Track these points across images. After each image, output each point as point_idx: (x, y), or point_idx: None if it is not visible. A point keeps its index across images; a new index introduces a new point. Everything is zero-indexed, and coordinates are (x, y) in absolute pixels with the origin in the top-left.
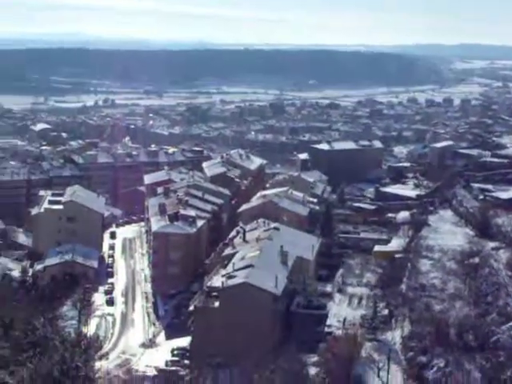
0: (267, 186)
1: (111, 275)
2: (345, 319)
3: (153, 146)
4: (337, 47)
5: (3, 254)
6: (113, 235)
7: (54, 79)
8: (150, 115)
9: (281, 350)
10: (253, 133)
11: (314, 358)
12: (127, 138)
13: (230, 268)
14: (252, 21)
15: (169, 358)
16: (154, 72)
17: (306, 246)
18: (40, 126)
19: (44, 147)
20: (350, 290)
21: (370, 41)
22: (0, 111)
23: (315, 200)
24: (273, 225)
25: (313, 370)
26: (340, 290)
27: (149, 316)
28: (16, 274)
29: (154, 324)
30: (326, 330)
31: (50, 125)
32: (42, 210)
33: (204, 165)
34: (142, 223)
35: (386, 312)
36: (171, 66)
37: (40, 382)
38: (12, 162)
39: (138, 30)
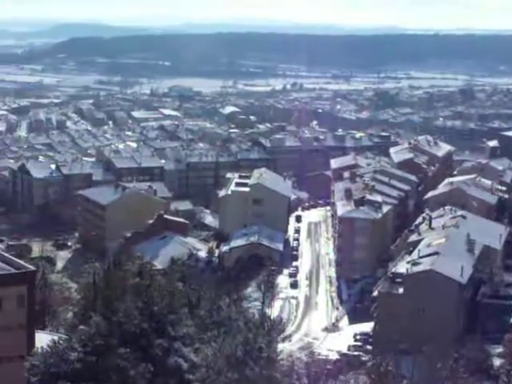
0: (455, 172)
1: (296, 258)
2: None
3: (340, 130)
4: None
5: (191, 234)
6: (298, 219)
7: (243, 63)
8: (338, 99)
9: (465, 339)
10: (441, 119)
11: (499, 349)
12: (314, 122)
13: (415, 255)
14: (445, 4)
15: (351, 342)
16: (343, 56)
17: (494, 234)
18: (228, 109)
19: (232, 130)
20: None
21: None
22: (190, 94)
23: (504, 188)
24: (460, 212)
25: (497, 361)
26: None
27: (332, 300)
28: (203, 254)
29: (337, 308)
30: None
31: (239, 108)
32: (229, 191)
33: (391, 150)
34: (328, 207)
35: None
36: (360, 50)
37: (223, 361)
38: (201, 144)
39: (329, 14)
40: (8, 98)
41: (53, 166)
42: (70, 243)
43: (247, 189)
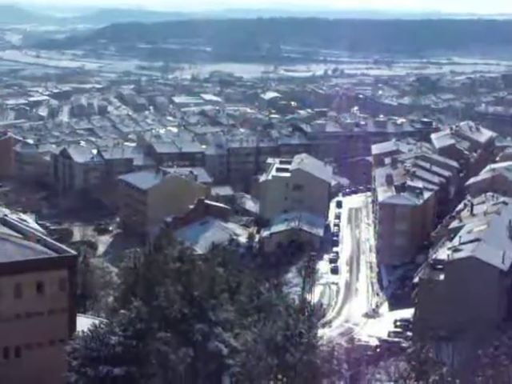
0: (497, 159)
1: (336, 244)
2: None
3: (381, 116)
4: None
5: (231, 219)
6: (339, 204)
7: (283, 48)
8: (379, 85)
9: (505, 326)
10: (483, 105)
11: None
12: (355, 108)
13: (456, 241)
14: None
15: (391, 328)
16: (384, 42)
17: None
18: (269, 95)
19: (273, 115)
20: None
21: None
22: (231, 79)
23: None
24: (501, 199)
25: None
26: None
27: (372, 286)
28: (243, 239)
29: (377, 294)
30: None
31: (280, 93)
32: (270, 177)
33: (433, 136)
34: (369, 193)
35: None
36: (402, 35)
37: (263, 346)
38: (241, 130)
39: None
40: (50, 82)
41: (94, 151)
42: (110, 228)
43: (288, 174)
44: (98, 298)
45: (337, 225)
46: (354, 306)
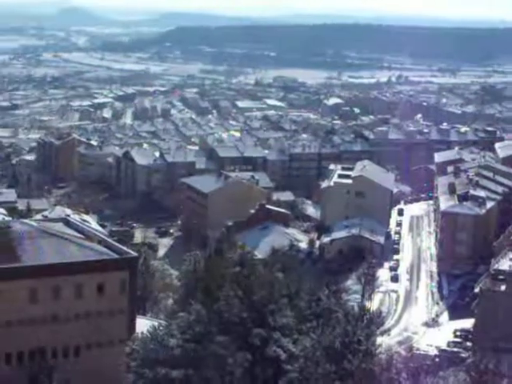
0: None
1: (397, 252)
2: None
3: (444, 124)
4: None
5: (292, 224)
6: (400, 212)
7: (348, 55)
8: (443, 93)
9: None
10: None
11: None
12: (419, 116)
13: None
14: None
15: (451, 338)
16: (449, 49)
17: None
18: (333, 101)
19: (336, 121)
20: None
21: None
22: (294, 84)
23: None
24: None
25: None
26: None
27: (433, 295)
28: (303, 245)
29: (437, 303)
30: None
31: (343, 99)
32: (332, 183)
33: (496, 145)
34: (431, 201)
35: None
36: (467, 43)
37: (321, 352)
38: (304, 135)
39: (436, 6)
40: (114, 85)
41: (157, 154)
42: (171, 230)
43: (350, 181)
44: (158, 300)
45: (398, 233)
46: (414, 315)
